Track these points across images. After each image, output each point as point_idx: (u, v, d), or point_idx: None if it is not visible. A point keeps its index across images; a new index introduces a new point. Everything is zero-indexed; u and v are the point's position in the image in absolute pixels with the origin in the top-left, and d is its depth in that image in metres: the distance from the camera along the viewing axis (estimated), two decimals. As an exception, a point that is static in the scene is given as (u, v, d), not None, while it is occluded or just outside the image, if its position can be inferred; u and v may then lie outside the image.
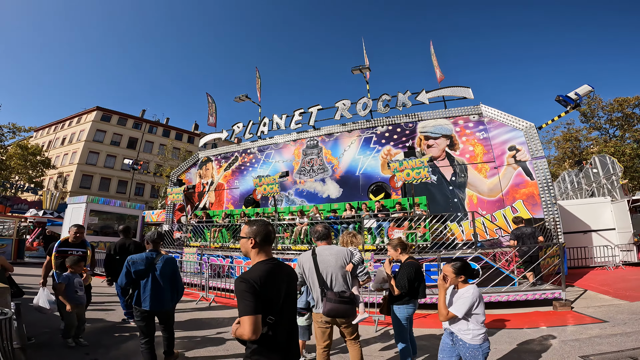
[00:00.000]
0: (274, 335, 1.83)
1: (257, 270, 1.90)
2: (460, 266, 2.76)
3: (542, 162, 9.12)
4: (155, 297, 3.60)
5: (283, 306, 1.90)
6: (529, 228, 7.32)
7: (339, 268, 3.13)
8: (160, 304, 3.63)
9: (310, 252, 3.23)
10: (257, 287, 1.79)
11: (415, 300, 3.67)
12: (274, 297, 1.87)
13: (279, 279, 1.94)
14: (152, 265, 3.63)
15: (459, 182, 10.21)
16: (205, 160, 15.74)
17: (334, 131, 12.85)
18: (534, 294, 6.40)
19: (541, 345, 4.37)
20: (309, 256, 3.17)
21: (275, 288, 1.89)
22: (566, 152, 26.70)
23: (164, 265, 3.70)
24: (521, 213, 8.70)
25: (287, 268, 2.09)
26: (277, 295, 1.89)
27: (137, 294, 3.59)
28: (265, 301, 1.81)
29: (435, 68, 12.61)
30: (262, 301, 1.78)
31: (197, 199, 15.26)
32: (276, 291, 1.89)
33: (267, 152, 14.12)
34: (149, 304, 3.55)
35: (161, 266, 3.67)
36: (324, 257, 3.12)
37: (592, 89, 8.93)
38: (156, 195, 37.09)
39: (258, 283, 1.80)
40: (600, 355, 3.88)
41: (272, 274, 1.92)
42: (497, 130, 10.07)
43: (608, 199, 11.59)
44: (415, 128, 11.34)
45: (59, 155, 38.93)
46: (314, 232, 3.46)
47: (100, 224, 13.95)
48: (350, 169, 12.13)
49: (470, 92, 10.94)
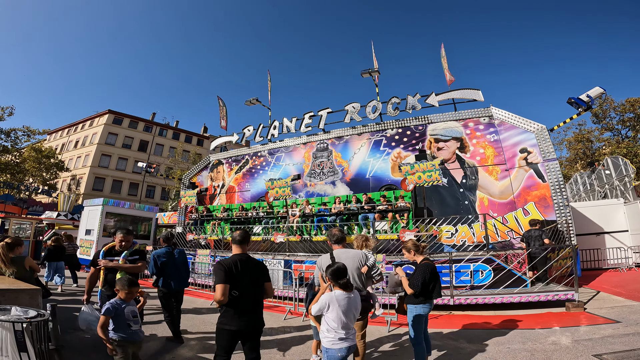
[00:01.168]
0: (237, 304, 2.83)
1: (231, 258, 2.94)
2: (330, 271, 2.85)
3: (554, 164, 9.11)
4: (178, 279, 4.93)
5: (247, 287, 2.87)
6: (537, 230, 7.39)
7: (355, 269, 3.40)
8: (180, 284, 4.99)
9: (329, 255, 3.49)
10: (226, 268, 2.79)
11: (430, 300, 3.79)
12: (239, 278, 2.82)
13: (245, 267, 2.90)
14: (172, 256, 4.64)
15: (469, 184, 10.24)
16: (217, 163, 15.98)
17: (344, 134, 12.97)
18: (547, 295, 6.42)
19: (554, 344, 4.42)
20: (327, 259, 3.41)
21: (240, 273, 2.84)
22: (578, 154, 26.39)
23: (179, 255, 4.96)
24: (533, 215, 8.71)
25: (255, 262, 3.11)
26: (242, 277, 2.84)
27: (163, 279, 4.84)
28: (232, 280, 2.77)
29: (445, 71, 12.65)
30: (229, 278, 2.75)
31: (208, 202, 15.49)
32: (242, 275, 2.84)
33: (278, 155, 14.30)
34: (174, 285, 4.84)
35: (177, 256, 4.77)
36: (341, 260, 3.29)
37: (603, 91, 8.91)
38: (167, 198, 37.64)
39: (228, 266, 2.82)
40: (614, 354, 3.93)
41: (240, 263, 2.90)
42: (508, 132, 10.08)
43: (621, 200, 11.49)
44: (425, 131, 11.40)
45: (72, 157, 39.78)
46: (331, 235, 3.67)
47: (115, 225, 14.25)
48: (360, 172, 12.23)
49: (480, 94, 10.95)
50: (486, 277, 7.17)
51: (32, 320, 2.75)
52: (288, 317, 6.41)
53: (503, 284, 6.86)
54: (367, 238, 4.29)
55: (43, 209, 23.74)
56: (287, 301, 7.27)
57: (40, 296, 3.86)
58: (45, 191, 28.55)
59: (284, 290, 7.73)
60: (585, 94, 8.68)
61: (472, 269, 7.29)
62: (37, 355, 2.70)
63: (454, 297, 6.63)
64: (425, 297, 3.72)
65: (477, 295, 6.70)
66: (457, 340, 4.91)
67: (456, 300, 6.61)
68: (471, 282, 7.26)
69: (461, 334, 5.20)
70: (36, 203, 25.97)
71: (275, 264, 9.00)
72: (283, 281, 8.32)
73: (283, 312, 6.68)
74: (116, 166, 38.74)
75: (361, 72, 12.63)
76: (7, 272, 4.15)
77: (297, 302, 6.91)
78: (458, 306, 6.60)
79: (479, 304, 6.61)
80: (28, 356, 2.61)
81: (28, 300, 3.44)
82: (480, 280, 7.22)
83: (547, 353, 4.15)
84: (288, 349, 4.56)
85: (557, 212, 8.72)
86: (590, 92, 8.65)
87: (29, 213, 21.93)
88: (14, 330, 2.59)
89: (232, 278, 2.77)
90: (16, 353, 2.55)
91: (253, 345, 3.03)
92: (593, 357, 3.88)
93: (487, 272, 7.22)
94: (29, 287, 3.71)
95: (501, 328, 5.45)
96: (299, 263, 9.03)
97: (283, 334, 5.37)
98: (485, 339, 4.85)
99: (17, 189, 25.92)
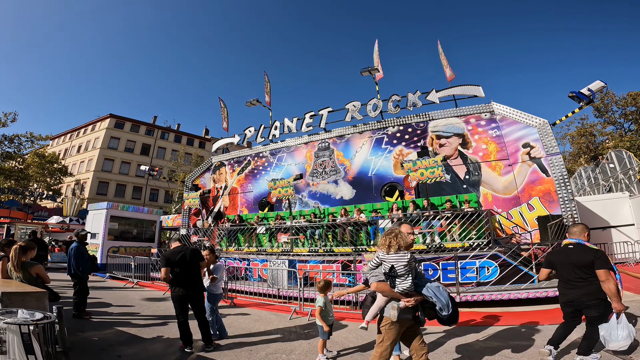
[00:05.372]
0: (179, 279, 4.42)
1: (171, 249, 4.63)
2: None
3: (558, 159, 9.05)
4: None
5: (184, 267, 4.44)
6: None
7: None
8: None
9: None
10: (168, 256, 4.44)
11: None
12: (177, 262, 4.41)
13: (179, 254, 4.46)
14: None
15: (472, 180, 10.20)
16: (219, 165, 16.02)
17: (345, 133, 12.96)
18: (555, 290, 6.35)
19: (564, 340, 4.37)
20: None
21: (176, 258, 4.42)
22: (581, 148, 26.25)
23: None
24: (538, 210, 8.65)
25: (186, 250, 4.58)
26: (178, 261, 4.41)
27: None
28: (172, 263, 4.38)
29: (445, 67, 12.61)
30: (170, 263, 4.38)
31: (211, 203, 15.53)
32: (177, 260, 4.42)
33: (279, 155, 14.31)
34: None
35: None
36: None
37: (604, 84, 8.85)
38: (170, 200, 37.76)
39: (168, 255, 4.46)
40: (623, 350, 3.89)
41: (177, 252, 4.50)
42: (510, 127, 10.03)
43: (626, 194, 11.41)
44: (427, 128, 11.37)
45: (75, 162, 39.99)
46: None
47: (120, 229, 14.33)
48: (362, 170, 12.22)
49: (480, 90, 10.91)
50: (492, 274, 7.14)
51: (38, 323, 2.75)
52: (294, 317, 6.39)
53: (509, 280, 6.83)
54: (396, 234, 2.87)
55: (48, 214, 23.92)
56: (293, 301, 7.27)
57: (47, 299, 3.87)
58: (49, 196, 28.72)
59: (289, 290, 7.72)
60: (586, 87, 8.63)
61: (478, 265, 7.25)
62: (44, 358, 2.69)
63: (460, 294, 6.60)
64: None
65: (483, 292, 6.66)
66: (465, 336, 4.88)
67: (462, 297, 6.58)
68: (477, 278, 7.23)
69: (468, 330, 5.17)
70: (41, 208, 26.15)
71: (280, 264, 9.01)
72: (288, 281, 8.31)
73: (289, 312, 6.67)
74: (119, 170, 38.90)
75: (361, 71, 12.58)
76: (15, 275, 4.16)
77: (302, 302, 6.90)
78: (465, 303, 6.56)
79: (485, 300, 6.58)
80: (35, 358, 2.62)
81: (35, 303, 3.44)
82: (486, 277, 7.18)
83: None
84: (294, 349, 4.55)
85: (562, 206, 8.66)
86: (591, 86, 8.60)
87: (34, 218, 22.08)
88: (21, 333, 2.60)
89: (172, 263, 4.38)
90: (23, 355, 2.55)
91: (197, 306, 4.55)
92: (604, 352, 3.84)
93: (493, 269, 7.19)
94: (35, 290, 3.71)
95: (509, 324, 5.41)
96: (303, 263, 9.03)
97: (289, 333, 5.36)
98: (493, 335, 4.82)
99: (22, 195, 26.07)
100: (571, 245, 3.62)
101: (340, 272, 8.17)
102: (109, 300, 7.88)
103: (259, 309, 7.32)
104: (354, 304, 7.01)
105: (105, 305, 7.28)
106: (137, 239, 15.06)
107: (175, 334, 4.84)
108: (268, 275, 8.93)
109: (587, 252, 3.44)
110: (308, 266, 8.85)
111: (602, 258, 3.31)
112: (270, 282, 8.61)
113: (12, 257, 4.15)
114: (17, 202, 23.75)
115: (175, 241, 4.90)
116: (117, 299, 8.14)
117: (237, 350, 4.49)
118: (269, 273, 8.87)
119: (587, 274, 3.36)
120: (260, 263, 9.88)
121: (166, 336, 5.05)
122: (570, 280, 3.49)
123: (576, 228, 3.72)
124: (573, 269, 3.45)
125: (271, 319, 6.38)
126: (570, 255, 3.53)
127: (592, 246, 3.56)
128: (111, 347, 4.46)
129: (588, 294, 3.35)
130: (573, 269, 3.45)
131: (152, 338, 5.01)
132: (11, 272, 4.21)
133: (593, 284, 3.32)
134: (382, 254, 2.86)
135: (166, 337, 5.00)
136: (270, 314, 6.85)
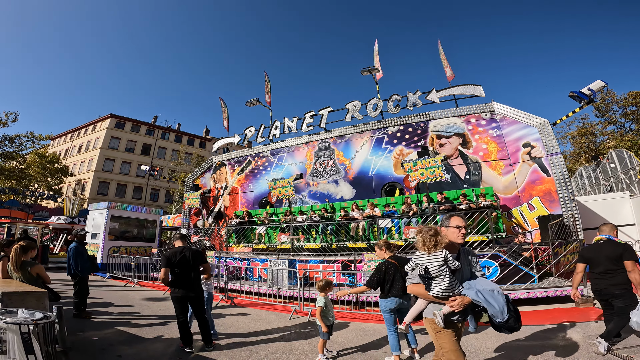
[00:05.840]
0: (179, 279, 4.39)
1: (171, 249, 4.59)
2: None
3: (558, 158, 9.03)
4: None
5: (184, 268, 4.40)
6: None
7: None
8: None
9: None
10: (168, 257, 4.40)
11: (392, 295, 3.93)
12: (177, 263, 4.37)
13: (180, 255, 4.44)
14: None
15: (473, 180, 10.18)
16: (219, 165, 16.02)
17: (346, 133, 12.95)
18: (555, 290, 6.36)
19: (564, 340, 4.39)
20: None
21: (177, 259, 4.39)
22: (582, 148, 26.20)
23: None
24: (538, 210, 8.64)
25: (186, 250, 4.54)
26: (179, 262, 4.38)
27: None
28: (172, 264, 4.35)
29: (445, 67, 12.60)
30: (170, 264, 4.35)
31: (212, 203, 15.53)
32: (178, 260, 4.39)
33: (280, 155, 14.31)
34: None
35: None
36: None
37: (605, 84, 8.84)
38: (170, 200, 37.77)
39: (169, 255, 4.43)
40: (626, 349, 3.89)
41: (178, 252, 4.46)
42: (510, 127, 10.02)
43: (627, 194, 11.37)
44: (427, 127, 11.36)
45: (76, 162, 40.01)
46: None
47: (121, 229, 14.32)
48: (362, 170, 12.21)
49: (481, 89, 10.90)
50: (492, 274, 7.12)
51: (38, 323, 2.75)
52: (294, 317, 6.39)
53: (510, 280, 6.82)
54: (436, 232, 2.59)
55: (49, 214, 23.90)
56: (293, 301, 7.27)
57: (47, 299, 3.87)
58: (50, 196, 28.73)
59: (289, 290, 7.72)
60: (587, 87, 8.61)
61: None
62: (44, 357, 2.69)
63: (460, 293, 6.58)
64: (387, 293, 3.96)
65: (483, 292, 6.63)
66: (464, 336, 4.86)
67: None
68: (477, 278, 7.20)
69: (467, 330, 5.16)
70: (42, 208, 26.15)
71: (280, 264, 9.00)
72: (288, 281, 8.31)
73: (289, 311, 6.67)
74: (120, 170, 38.90)
75: (361, 70, 12.58)
76: (15, 275, 4.16)
77: (302, 302, 6.90)
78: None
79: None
80: (35, 358, 2.61)
81: (35, 302, 3.44)
82: (487, 277, 7.16)
83: (558, 349, 4.11)
84: (294, 349, 4.54)
85: (563, 206, 8.65)
86: (591, 86, 8.58)
87: (35, 218, 22.07)
88: (21, 333, 2.60)
89: (172, 264, 4.35)
90: (23, 355, 2.55)
91: (198, 306, 4.53)
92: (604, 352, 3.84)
93: (493, 269, 7.17)
94: (35, 290, 3.71)
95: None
96: (303, 262, 9.02)
97: (289, 333, 5.36)
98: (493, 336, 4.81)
99: (23, 195, 26.08)
100: (602, 241, 4.06)
101: (340, 272, 8.17)
102: (110, 300, 7.88)
103: (259, 308, 7.32)
104: (354, 304, 7.01)
105: (105, 305, 7.28)
106: (138, 238, 15.08)
107: (175, 334, 4.83)
108: (268, 275, 8.93)
109: (617, 246, 3.92)
110: (308, 266, 8.85)
111: (629, 250, 3.81)
112: (271, 282, 8.61)
113: (12, 257, 4.15)
114: (17, 202, 23.75)
115: (177, 240, 4.81)
116: (117, 298, 8.14)
117: (237, 350, 4.48)
118: (269, 273, 8.87)
119: (616, 266, 3.79)
120: (260, 263, 9.87)
121: (166, 336, 5.05)
122: (601, 272, 3.91)
123: (606, 226, 4.20)
124: (605, 262, 3.87)
125: (271, 318, 6.38)
126: (602, 249, 3.96)
127: (620, 241, 4.12)
128: (111, 347, 4.46)
129: (615, 284, 3.78)
130: (605, 262, 3.87)
131: (153, 338, 5.00)
132: (11, 272, 4.21)
133: (620, 274, 3.76)
134: (416, 255, 2.61)
135: (166, 337, 5.00)
136: (271, 313, 6.85)
